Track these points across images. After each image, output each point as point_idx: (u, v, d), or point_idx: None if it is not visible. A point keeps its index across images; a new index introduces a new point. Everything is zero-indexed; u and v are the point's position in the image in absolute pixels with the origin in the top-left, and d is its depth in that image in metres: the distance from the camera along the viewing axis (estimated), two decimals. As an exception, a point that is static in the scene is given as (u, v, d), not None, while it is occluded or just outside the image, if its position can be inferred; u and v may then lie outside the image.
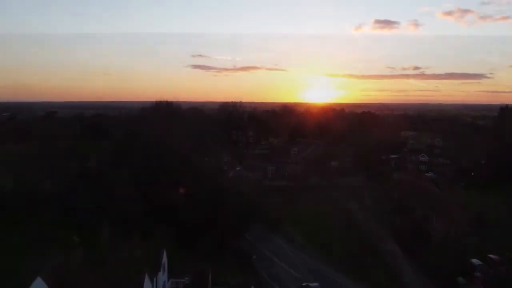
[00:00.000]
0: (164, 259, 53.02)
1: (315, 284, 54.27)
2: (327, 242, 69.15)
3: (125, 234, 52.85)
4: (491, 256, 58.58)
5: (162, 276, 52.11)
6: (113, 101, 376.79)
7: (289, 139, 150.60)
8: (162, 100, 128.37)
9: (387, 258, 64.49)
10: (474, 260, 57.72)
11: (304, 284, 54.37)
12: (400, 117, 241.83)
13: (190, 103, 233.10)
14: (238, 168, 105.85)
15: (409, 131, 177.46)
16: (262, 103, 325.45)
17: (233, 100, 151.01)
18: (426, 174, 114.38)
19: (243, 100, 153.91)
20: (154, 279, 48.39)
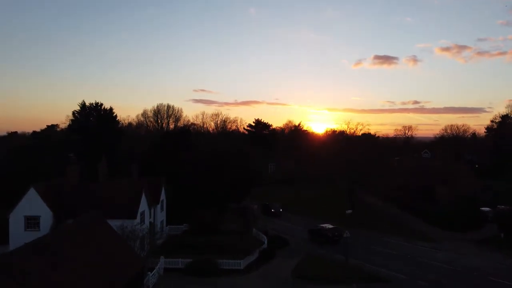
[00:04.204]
0: (163, 197, 51.21)
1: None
2: (329, 209, 67.34)
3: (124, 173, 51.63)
4: (500, 206, 56.82)
5: (160, 214, 50.10)
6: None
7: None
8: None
9: (392, 218, 62.59)
10: (484, 208, 56.02)
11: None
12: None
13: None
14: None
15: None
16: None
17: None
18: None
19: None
20: (152, 209, 46.50)
